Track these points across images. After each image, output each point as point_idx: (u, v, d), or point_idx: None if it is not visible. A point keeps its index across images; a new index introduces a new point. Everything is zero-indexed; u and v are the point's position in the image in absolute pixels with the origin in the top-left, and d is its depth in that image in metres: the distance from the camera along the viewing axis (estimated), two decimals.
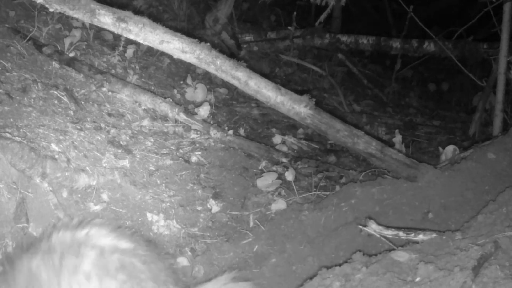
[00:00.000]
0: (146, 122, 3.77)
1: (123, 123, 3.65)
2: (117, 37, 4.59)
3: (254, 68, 3.81)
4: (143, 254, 1.94)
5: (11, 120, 2.97)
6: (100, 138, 3.28)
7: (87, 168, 2.90)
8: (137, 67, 4.55)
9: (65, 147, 2.95)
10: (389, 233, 2.43)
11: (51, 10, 2.96)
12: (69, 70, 3.90)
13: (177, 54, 3.08)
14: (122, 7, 3.08)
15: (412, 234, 2.42)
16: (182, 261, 2.77)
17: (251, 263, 2.83)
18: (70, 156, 2.91)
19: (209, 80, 5.06)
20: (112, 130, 3.45)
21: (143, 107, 3.92)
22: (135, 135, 3.57)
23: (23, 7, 4.35)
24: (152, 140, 3.61)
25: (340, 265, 2.30)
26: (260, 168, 3.77)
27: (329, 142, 4.53)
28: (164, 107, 3.91)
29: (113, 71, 4.25)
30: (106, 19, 2.96)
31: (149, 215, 2.94)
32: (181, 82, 4.77)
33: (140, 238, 2.07)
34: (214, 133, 3.89)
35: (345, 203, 3.11)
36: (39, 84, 3.47)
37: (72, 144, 3.02)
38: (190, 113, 4.03)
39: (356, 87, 7.00)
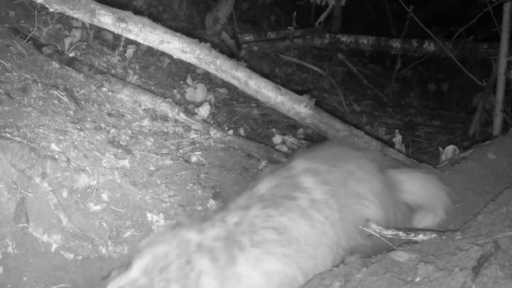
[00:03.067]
0: (146, 122, 3.77)
1: (123, 123, 3.65)
2: (117, 37, 4.59)
3: (254, 68, 3.80)
4: None
5: (11, 120, 2.97)
6: (100, 138, 3.28)
7: (87, 168, 2.90)
8: (137, 67, 4.55)
9: (65, 147, 2.95)
10: (389, 233, 2.43)
11: (51, 10, 2.96)
12: (69, 70, 3.90)
13: (177, 54, 3.08)
14: (122, 7, 3.08)
15: (412, 234, 2.41)
16: None
17: None
18: (70, 156, 2.91)
19: (209, 80, 5.06)
20: (112, 130, 3.45)
21: (143, 107, 3.92)
22: (135, 135, 3.57)
23: (23, 7, 4.35)
24: (152, 140, 3.61)
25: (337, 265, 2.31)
26: (260, 168, 3.76)
27: None
28: (164, 107, 3.91)
29: (113, 71, 4.25)
30: (106, 19, 2.96)
31: (149, 215, 2.94)
32: (181, 82, 4.77)
33: None
34: (214, 133, 3.89)
35: None
36: (39, 84, 3.47)
37: (72, 144, 3.02)
38: (190, 113, 4.03)
39: (356, 87, 7.01)
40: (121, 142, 3.38)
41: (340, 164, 2.53)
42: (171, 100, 4.02)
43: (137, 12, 3.14)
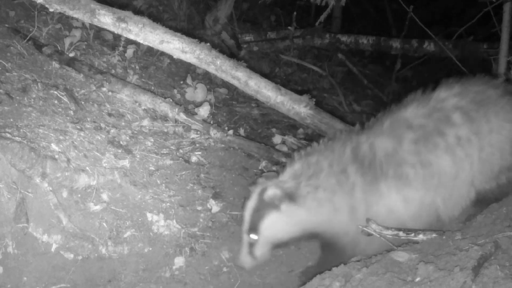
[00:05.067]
0: (146, 122, 3.77)
1: (123, 123, 3.65)
2: (117, 37, 4.59)
3: (254, 68, 3.81)
4: None
5: (11, 120, 2.97)
6: (100, 138, 3.28)
7: (87, 168, 2.90)
8: (137, 67, 4.55)
9: (65, 147, 2.95)
10: (389, 233, 2.43)
11: (51, 10, 2.97)
12: (69, 70, 3.90)
13: (177, 54, 3.08)
14: (122, 7, 3.09)
15: (412, 234, 2.41)
16: None
17: None
18: (70, 156, 2.91)
19: (209, 80, 5.06)
20: (112, 130, 3.45)
21: (143, 107, 3.92)
22: (135, 135, 3.57)
23: (23, 7, 4.35)
24: (152, 140, 3.61)
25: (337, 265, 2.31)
26: (260, 168, 3.77)
27: None
28: (164, 107, 3.91)
29: (113, 71, 4.25)
30: (106, 19, 2.96)
31: (149, 215, 2.94)
32: (181, 82, 4.77)
33: None
34: (214, 133, 3.89)
35: None
36: (39, 84, 3.47)
37: (72, 144, 3.02)
38: (190, 113, 4.03)
39: (356, 87, 7.01)
40: (121, 142, 3.38)
41: (487, 103, 2.57)
42: (171, 100, 4.02)
43: (137, 12, 3.14)
